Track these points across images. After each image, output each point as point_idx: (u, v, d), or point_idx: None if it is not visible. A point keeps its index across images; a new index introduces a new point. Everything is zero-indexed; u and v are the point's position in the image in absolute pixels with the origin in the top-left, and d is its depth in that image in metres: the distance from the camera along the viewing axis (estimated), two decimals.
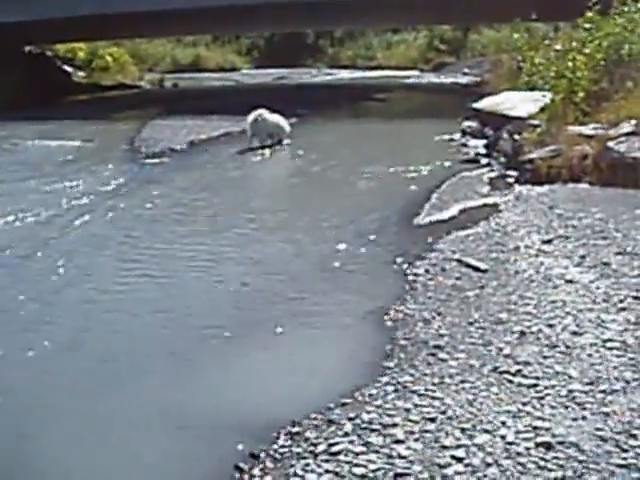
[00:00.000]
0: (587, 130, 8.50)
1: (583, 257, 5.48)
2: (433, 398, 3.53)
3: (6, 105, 16.73)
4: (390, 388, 3.67)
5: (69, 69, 25.53)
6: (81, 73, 26.13)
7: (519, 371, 3.75)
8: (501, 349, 4.03)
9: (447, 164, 9.87)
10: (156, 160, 11.13)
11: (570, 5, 11.51)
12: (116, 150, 12.19)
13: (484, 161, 9.87)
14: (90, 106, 20.97)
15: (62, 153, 11.84)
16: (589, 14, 10.73)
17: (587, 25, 10.65)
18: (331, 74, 33.06)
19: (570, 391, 3.52)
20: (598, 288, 4.84)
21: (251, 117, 11.70)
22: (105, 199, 8.44)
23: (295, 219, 7.43)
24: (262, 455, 3.19)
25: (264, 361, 4.23)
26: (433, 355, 4.02)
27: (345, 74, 32.49)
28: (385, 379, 3.78)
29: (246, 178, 9.83)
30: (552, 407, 3.38)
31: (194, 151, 12.12)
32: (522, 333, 4.23)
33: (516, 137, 9.38)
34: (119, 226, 7.29)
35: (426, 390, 3.61)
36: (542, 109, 9.79)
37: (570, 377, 3.66)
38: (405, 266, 5.65)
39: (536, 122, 9.35)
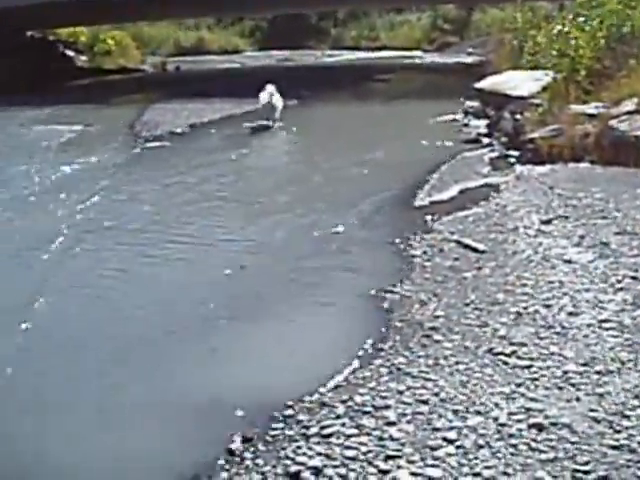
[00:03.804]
0: (589, 109, 8.42)
1: (582, 237, 5.43)
2: (426, 380, 3.51)
3: (7, 89, 16.64)
4: (384, 370, 3.66)
5: (71, 53, 25.34)
6: (83, 57, 25.92)
7: (514, 352, 3.73)
8: (496, 330, 4.00)
9: (448, 144, 9.80)
10: (157, 143, 11.09)
11: None
12: (117, 134, 12.13)
13: (485, 141, 9.80)
14: (92, 90, 20.83)
15: (62, 137, 11.79)
16: None
17: (590, 3, 10.53)
18: (334, 55, 32.80)
19: (565, 372, 3.49)
20: (596, 268, 4.81)
21: (264, 98, 11.65)
22: (102, 182, 8.40)
23: (294, 201, 7.38)
24: (254, 438, 3.18)
25: (258, 343, 4.21)
26: (428, 337, 4.00)
27: (348, 55, 32.23)
28: (379, 361, 3.76)
29: (245, 161, 9.77)
30: (546, 388, 3.36)
31: (195, 134, 12.05)
32: (518, 314, 4.20)
33: (518, 117, 9.28)
34: (115, 209, 7.28)
35: (420, 372, 3.60)
36: (544, 88, 9.68)
37: (565, 358, 3.63)
38: (403, 247, 5.62)
39: (538, 101, 9.26)
